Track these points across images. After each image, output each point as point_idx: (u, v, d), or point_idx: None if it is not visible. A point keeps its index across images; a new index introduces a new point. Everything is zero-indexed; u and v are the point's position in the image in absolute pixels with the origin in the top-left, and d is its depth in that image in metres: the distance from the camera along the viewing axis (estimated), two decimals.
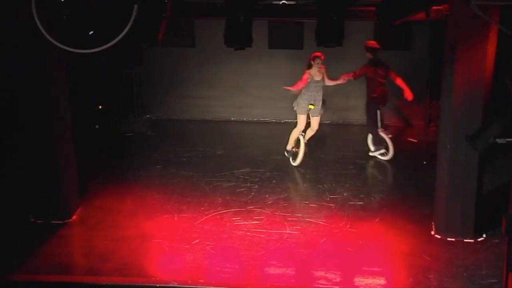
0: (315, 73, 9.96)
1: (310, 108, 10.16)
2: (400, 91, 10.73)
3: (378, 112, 10.46)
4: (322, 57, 9.87)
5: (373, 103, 10.50)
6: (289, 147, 10.51)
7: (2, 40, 7.78)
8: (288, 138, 10.47)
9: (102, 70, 11.70)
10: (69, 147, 8.58)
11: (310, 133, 10.52)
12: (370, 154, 10.75)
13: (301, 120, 10.31)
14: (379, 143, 10.61)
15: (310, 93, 10.09)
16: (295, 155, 10.43)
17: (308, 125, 10.42)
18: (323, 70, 10.06)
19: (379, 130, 10.49)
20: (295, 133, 10.41)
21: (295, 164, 10.38)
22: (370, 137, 10.79)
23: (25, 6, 5.90)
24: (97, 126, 12.12)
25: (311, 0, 6.67)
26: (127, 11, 5.76)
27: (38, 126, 8.29)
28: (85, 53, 5.94)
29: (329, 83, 10.23)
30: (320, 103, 10.23)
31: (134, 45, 10.90)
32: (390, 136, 10.55)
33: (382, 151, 10.59)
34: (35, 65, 7.93)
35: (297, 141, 10.44)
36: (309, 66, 9.99)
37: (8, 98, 9.34)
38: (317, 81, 10.04)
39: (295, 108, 10.30)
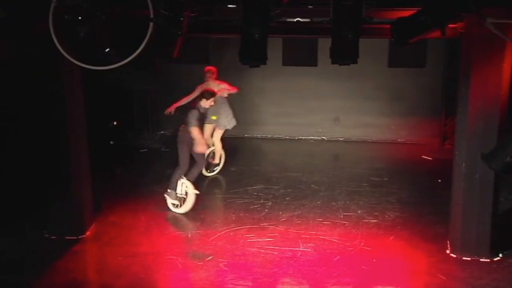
0: (207, 86, 10.02)
1: (212, 119, 10.37)
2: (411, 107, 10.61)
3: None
4: (213, 70, 10.26)
5: None
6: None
7: (20, 55, 7.87)
8: None
9: (117, 86, 11.79)
10: (83, 163, 8.62)
11: (213, 149, 10.71)
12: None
13: (205, 130, 10.32)
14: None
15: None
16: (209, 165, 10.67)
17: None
18: (218, 83, 10.27)
19: None
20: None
21: (206, 173, 10.56)
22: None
23: (43, 23, 5.97)
24: (111, 142, 12.21)
25: (326, 18, 6.67)
26: (143, 28, 5.80)
27: (52, 141, 8.34)
28: (101, 70, 5.98)
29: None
30: (223, 116, 10.48)
31: (149, 62, 10.99)
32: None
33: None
34: (51, 81, 8.00)
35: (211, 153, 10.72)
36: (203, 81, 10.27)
37: (24, 113, 9.44)
38: None
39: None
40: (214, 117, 10.35)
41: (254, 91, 12.70)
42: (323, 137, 12.87)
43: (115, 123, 12.40)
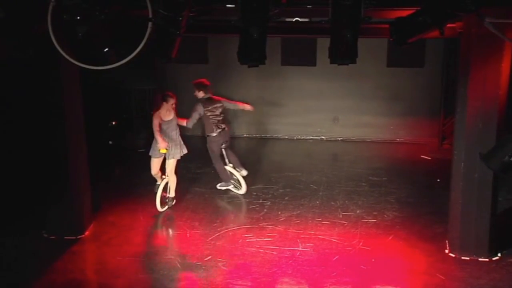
0: (165, 112, 9.20)
1: (163, 152, 9.23)
2: (410, 107, 10.58)
3: (223, 149, 9.91)
4: (174, 98, 9.22)
5: (214, 143, 9.88)
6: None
7: (18, 55, 7.87)
8: None
9: (116, 86, 11.80)
10: (82, 163, 8.62)
11: (167, 181, 9.45)
12: (218, 187, 10.12)
13: (153, 164, 9.36)
14: (227, 179, 10.00)
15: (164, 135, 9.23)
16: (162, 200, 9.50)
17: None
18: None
19: (226, 166, 9.97)
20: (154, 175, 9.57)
21: (160, 209, 9.37)
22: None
23: (41, 23, 5.97)
24: (110, 142, 12.20)
25: (325, 18, 6.66)
26: (142, 28, 5.80)
27: (51, 142, 8.34)
28: (99, 70, 5.98)
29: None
30: (176, 143, 9.34)
31: (148, 62, 10.98)
32: (241, 171, 9.99)
33: (230, 186, 10.02)
34: (50, 81, 8.01)
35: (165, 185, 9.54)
36: (159, 107, 9.23)
37: (23, 114, 9.43)
38: (169, 121, 9.26)
39: (150, 153, 9.34)
40: (164, 150, 9.15)
41: (253, 91, 12.70)
42: (322, 137, 12.87)
43: (114, 123, 12.39)
